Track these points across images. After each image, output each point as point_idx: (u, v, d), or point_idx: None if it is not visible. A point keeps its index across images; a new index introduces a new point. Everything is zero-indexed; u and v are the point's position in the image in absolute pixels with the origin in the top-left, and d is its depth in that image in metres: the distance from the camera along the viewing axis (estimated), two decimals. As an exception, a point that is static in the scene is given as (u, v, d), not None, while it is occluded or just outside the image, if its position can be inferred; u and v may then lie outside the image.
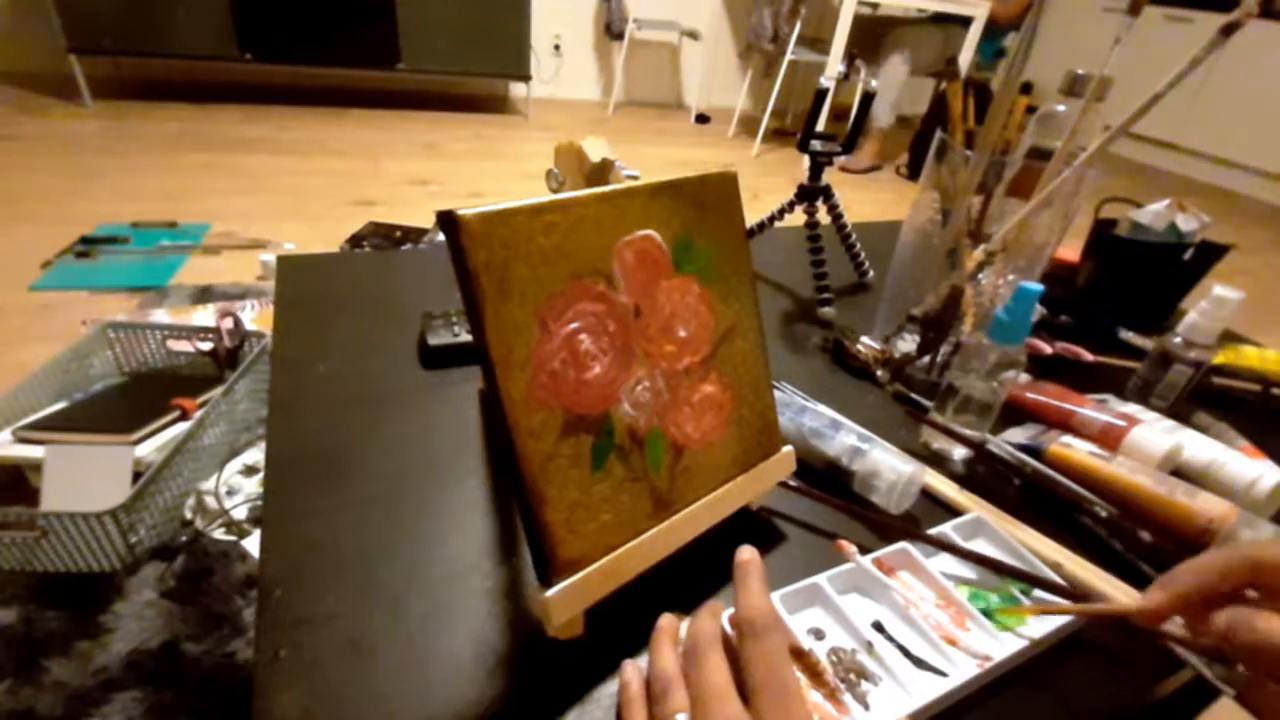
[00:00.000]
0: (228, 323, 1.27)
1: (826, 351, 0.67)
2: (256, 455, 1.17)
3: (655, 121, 3.69)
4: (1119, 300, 0.77)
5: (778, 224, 0.83)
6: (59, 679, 0.82)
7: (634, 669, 0.32)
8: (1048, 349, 0.70)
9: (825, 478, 0.49)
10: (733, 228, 0.40)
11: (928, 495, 0.50)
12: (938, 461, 0.54)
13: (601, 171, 0.72)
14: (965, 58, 2.92)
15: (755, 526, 0.46)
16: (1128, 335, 0.76)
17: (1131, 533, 0.46)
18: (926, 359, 0.63)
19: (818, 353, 0.68)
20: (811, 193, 0.77)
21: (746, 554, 0.32)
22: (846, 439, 0.49)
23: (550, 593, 0.31)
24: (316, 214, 2.06)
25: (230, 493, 1.09)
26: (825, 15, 3.29)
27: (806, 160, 0.75)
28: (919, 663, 0.36)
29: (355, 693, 0.33)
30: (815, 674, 0.35)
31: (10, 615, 0.88)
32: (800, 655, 0.36)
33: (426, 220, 2.01)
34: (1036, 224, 0.56)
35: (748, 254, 0.41)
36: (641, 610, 0.36)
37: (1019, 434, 0.55)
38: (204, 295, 1.59)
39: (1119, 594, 0.41)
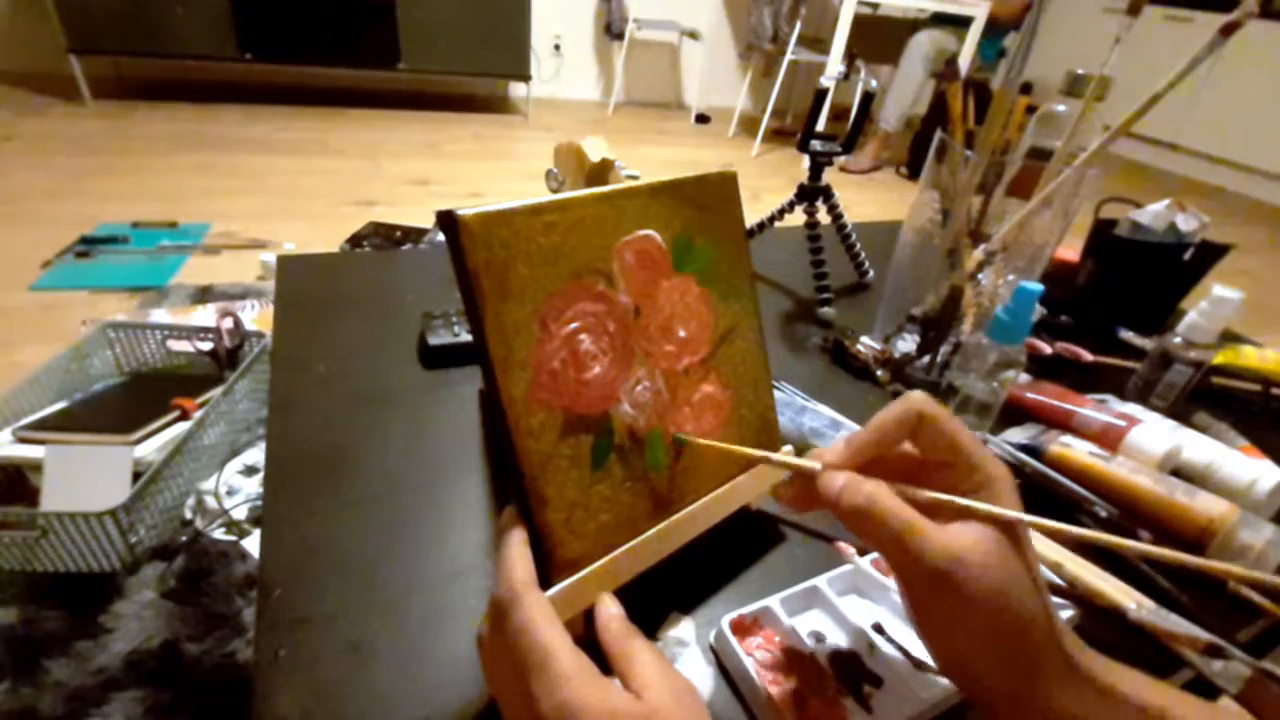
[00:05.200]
0: (228, 323, 1.27)
1: (826, 351, 0.67)
2: (256, 455, 1.17)
3: (655, 121, 3.69)
4: (1119, 300, 0.77)
5: (778, 224, 0.83)
6: (59, 679, 0.82)
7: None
8: (1048, 349, 0.70)
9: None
10: (733, 228, 0.40)
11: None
12: (938, 461, 0.54)
13: (601, 171, 0.72)
14: (965, 58, 2.92)
15: (755, 527, 0.46)
16: (1128, 335, 0.76)
17: (1131, 533, 0.46)
18: (926, 359, 0.63)
19: (818, 353, 0.68)
20: (811, 193, 0.77)
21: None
22: (846, 439, 0.48)
23: (550, 593, 0.31)
24: (316, 214, 2.06)
25: (230, 493, 1.09)
26: (825, 15, 3.30)
27: (806, 160, 0.75)
28: (920, 664, 0.36)
29: (355, 693, 0.33)
30: (817, 677, 0.35)
31: (10, 615, 0.88)
32: (801, 659, 0.36)
33: (426, 220, 2.01)
34: (1036, 224, 0.56)
35: (748, 254, 0.41)
36: (641, 610, 0.36)
37: (1019, 434, 0.55)
38: (204, 295, 1.59)
39: (1119, 594, 0.41)
